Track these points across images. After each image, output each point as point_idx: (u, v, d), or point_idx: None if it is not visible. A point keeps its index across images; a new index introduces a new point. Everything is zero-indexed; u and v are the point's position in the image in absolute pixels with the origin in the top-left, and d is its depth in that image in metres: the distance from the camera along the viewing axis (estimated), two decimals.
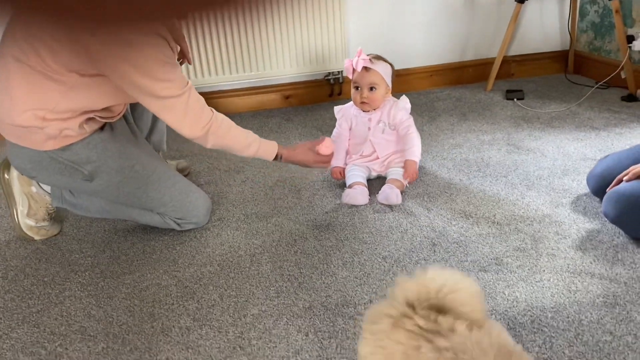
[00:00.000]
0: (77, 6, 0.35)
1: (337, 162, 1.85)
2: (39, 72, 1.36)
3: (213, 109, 1.52)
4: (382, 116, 1.84)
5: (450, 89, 2.90)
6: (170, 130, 2.48)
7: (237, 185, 1.94)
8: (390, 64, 1.86)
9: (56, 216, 1.76)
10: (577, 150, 2.02)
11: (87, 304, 1.35)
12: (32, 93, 1.38)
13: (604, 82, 2.68)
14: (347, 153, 1.90)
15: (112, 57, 1.32)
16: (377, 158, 1.85)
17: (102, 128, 1.56)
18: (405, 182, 1.77)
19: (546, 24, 2.96)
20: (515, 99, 2.63)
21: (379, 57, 1.85)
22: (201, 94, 2.61)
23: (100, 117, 1.50)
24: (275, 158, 1.64)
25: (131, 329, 1.25)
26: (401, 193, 1.72)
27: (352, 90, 1.87)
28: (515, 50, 2.99)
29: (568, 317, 1.18)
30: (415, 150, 1.77)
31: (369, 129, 1.84)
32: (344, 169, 1.86)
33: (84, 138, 1.49)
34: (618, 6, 2.48)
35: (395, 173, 1.79)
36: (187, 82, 1.45)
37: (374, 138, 1.84)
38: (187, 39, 1.82)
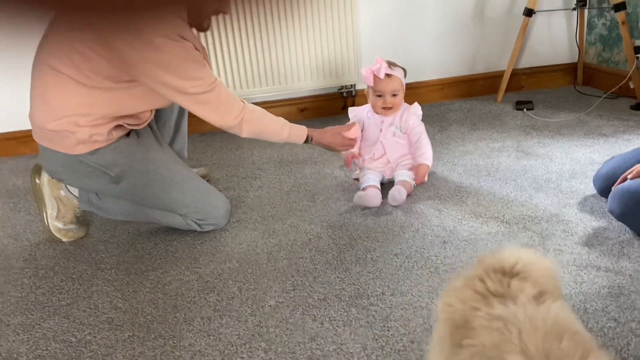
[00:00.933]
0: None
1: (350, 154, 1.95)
2: (74, 80, 1.46)
3: (244, 100, 1.62)
4: (395, 120, 1.92)
5: (461, 101, 2.96)
6: (191, 140, 2.58)
7: (254, 191, 2.02)
8: (403, 68, 1.94)
9: (83, 219, 1.84)
10: (585, 155, 2.07)
11: (113, 298, 1.43)
12: (67, 100, 1.48)
13: (612, 92, 2.73)
14: (359, 154, 1.98)
15: (143, 61, 1.42)
16: (388, 162, 1.91)
17: (128, 134, 1.65)
18: (413, 184, 1.84)
19: (555, 37, 3.02)
20: (525, 109, 2.69)
21: (393, 63, 1.93)
22: None
23: (127, 124, 1.60)
24: (306, 141, 1.76)
25: (155, 319, 1.32)
26: (408, 195, 1.80)
27: (372, 98, 1.94)
28: (525, 63, 3.05)
29: (574, 306, 1.23)
30: (427, 155, 1.84)
31: (381, 130, 1.92)
32: (353, 157, 1.94)
33: (111, 143, 1.58)
34: (624, 18, 2.54)
35: (404, 174, 1.85)
36: (216, 79, 1.54)
37: (385, 140, 1.92)
38: (207, 53, 1.92)
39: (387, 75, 1.88)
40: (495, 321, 0.71)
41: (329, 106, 2.90)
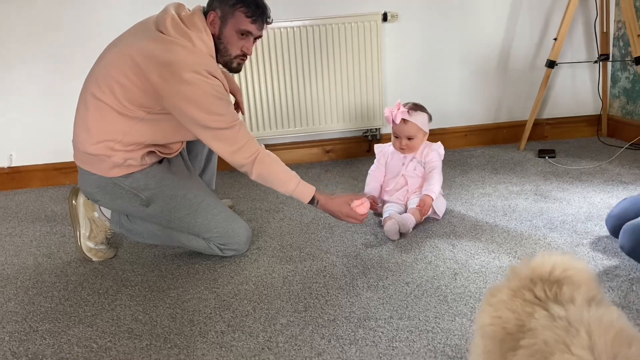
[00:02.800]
0: None
1: (371, 191, 2.07)
2: (111, 108, 1.61)
3: (262, 144, 1.71)
4: (416, 155, 2.01)
5: (484, 148, 3.02)
6: (220, 176, 2.70)
7: (276, 222, 2.10)
8: (427, 112, 2.04)
9: (113, 242, 1.95)
10: (602, 200, 2.09)
11: (135, 311, 1.51)
12: (105, 126, 1.62)
13: (635, 143, 2.75)
14: (381, 187, 2.07)
15: (171, 92, 1.55)
16: (408, 192, 2.00)
17: (160, 162, 1.78)
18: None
19: (578, 89, 3.09)
20: (547, 157, 2.73)
21: (416, 107, 2.03)
22: None
23: (159, 151, 1.73)
24: (312, 202, 1.75)
25: (172, 331, 1.39)
26: (417, 224, 1.90)
27: (392, 137, 2.05)
28: (549, 113, 3.11)
29: None
30: (433, 188, 1.92)
31: (403, 164, 2.02)
32: (375, 198, 2.05)
33: (144, 168, 1.70)
34: None
35: (416, 203, 1.93)
36: (238, 119, 1.65)
37: (407, 172, 2.01)
38: (241, 94, 2.06)
39: (404, 120, 1.98)
40: (558, 320, 0.71)
41: (355, 148, 3.00)
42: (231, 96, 2.05)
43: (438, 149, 2.03)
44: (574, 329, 0.69)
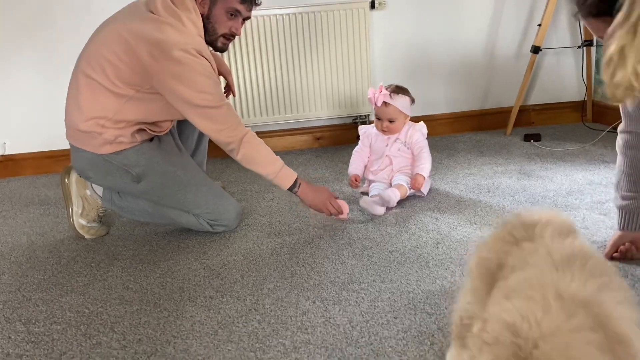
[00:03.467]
0: None
1: (354, 170, 2.09)
2: (102, 86, 1.64)
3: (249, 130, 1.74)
4: (400, 135, 2.05)
5: (471, 134, 3.08)
6: (211, 162, 2.73)
7: (266, 202, 2.14)
8: (409, 95, 2.08)
9: (105, 220, 1.99)
10: (584, 177, 2.14)
11: (126, 281, 1.55)
12: (96, 104, 1.66)
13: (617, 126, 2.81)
14: (365, 167, 2.12)
15: (159, 70, 1.59)
16: (392, 170, 2.04)
17: (151, 140, 1.82)
18: (408, 189, 1.96)
19: (564, 75, 3.14)
20: (532, 141, 2.78)
21: (398, 90, 2.07)
22: None
23: (149, 129, 1.76)
24: (293, 187, 1.77)
25: (162, 297, 1.43)
26: (401, 199, 1.95)
27: (375, 119, 2.10)
28: (535, 99, 3.17)
29: None
30: (424, 167, 1.97)
31: (387, 145, 2.06)
32: (358, 177, 2.09)
33: (134, 145, 1.74)
34: None
35: (401, 179, 1.98)
36: (225, 100, 1.69)
37: (390, 153, 2.05)
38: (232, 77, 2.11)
39: (385, 103, 2.03)
40: (526, 250, 0.82)
41: (344, 135, 3.04)
42: (222, 78, 2.10)
43: (421, 128, 2.08)
44: (535, 250, 0.79)
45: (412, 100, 2.11)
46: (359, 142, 2.19)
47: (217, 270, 1.57)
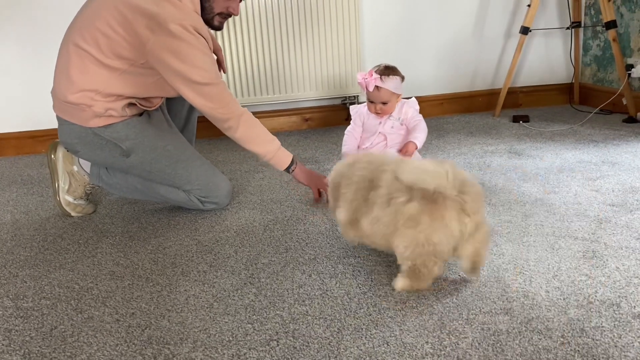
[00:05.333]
0: None
1: (349, 150, 2.06)
2: (94, 57, 1.59)
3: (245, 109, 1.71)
4: (393, 113, 2.03)
5: (460, 115, 3.08)
6: (199, 144, 2.69)
7: (256, 181, 2.12)
8: (399, 74, 2.06)
9: (92, 198, 1.95)
10: (574, 155, 2.15)
11: (116, 257, 1.52)
12: (86, 76, 1.61)
13: (607, 109, 2.83)
14: (358, 147, 2.09)
15: (155, 43, 1.54)
16: (386, 146, 2.02)
17: (140, 114, 1.77)
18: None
19: (552, 57, 3.15)
20: (521, 122, 2.79)
21: (388, 71, 2.04)
22: None
23: (140, 104, 1.72)
24: (290, 166, 1.78)
25: (154, 272, 1.40)
26: None
27: (367, 102, 2.07)
28: (524, 82, 3.18)
29: (548, 265, 1.29)
30: (418, 137, 1.95)
31: (380, 123, 2.04)
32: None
33: (124, 119, 1.70)
34: (615, 35, 2.67)
35: (393, 152, 1.96)
36: (221, 78, 1.65)
37: (384, 130, 2.03)
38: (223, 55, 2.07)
39: (377, 87, 2.00)
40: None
41: (333, 116, 3.02)
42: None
43: (414, 105, 2.06)
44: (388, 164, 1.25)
45: (402, 78, 2.08)
46: (351, 122, 2.17)
47: (209, 246, 1.54)
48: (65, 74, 1.62)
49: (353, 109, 2.17)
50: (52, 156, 1.83)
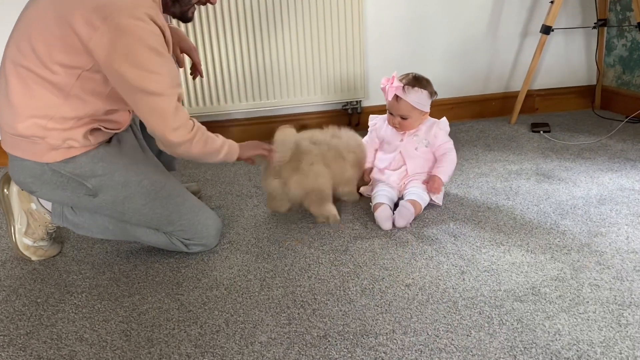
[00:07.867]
0: None
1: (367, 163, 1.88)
2: (37, 75, 1.28)
3: (193, 118, 1.41)
4: (419, 131, 1.77)
5: (473, 121, 2.80)
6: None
7: (249, 210, 1.83)
8: (429, 88, 1.76)
9: (56, 236, 1.66)
10: (612, 180, 1.89)
11: (80, 327, 1.23)
12: (31, 99, 1.30)
13: (634, 117, 2.57)
14: (372, 163, 1.88)
15: (103, 45, 1.23)
16: (407, 174, 1.75)
17: (109, 141, 1.47)
18: (423, 206, 1.66)
19: (571, 57, 2.88)
20: (541, 132, 2.52)
21: (415, 82, 1.74)
22: (213, 122, 2.55)
23: (105, 127, 1.41)
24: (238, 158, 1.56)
25: (126, 355, 1.13)
26: (415, 217, 1.66)
27: (387, 113, 1.83)
28: (539, 84, 2.90)
29: (621, 353, 1.03)
30: (445, 170, 1.72)
31: (401, 140, 1.77)
32: (370, 169, 1.87)
33: (89, 150, 1.40)
34: None
35: (414, 193, 1.68)
36: (179, 85, 1.34)
37: (405, 151, 1.76)
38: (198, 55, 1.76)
39: (397, 97, 1.73)
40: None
41: (333, 123, 2.71)
42: (186, 57, 1.76)
43: (445, 127, 1.79)
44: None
45: (431, 94, 1.78)
46: (368, 132, 1.92)
47: (194, 311, 1.27)
48: (6, 101, 1.31)
49: (372, 120, 1.92)
50: (5, 191, 1.54)
